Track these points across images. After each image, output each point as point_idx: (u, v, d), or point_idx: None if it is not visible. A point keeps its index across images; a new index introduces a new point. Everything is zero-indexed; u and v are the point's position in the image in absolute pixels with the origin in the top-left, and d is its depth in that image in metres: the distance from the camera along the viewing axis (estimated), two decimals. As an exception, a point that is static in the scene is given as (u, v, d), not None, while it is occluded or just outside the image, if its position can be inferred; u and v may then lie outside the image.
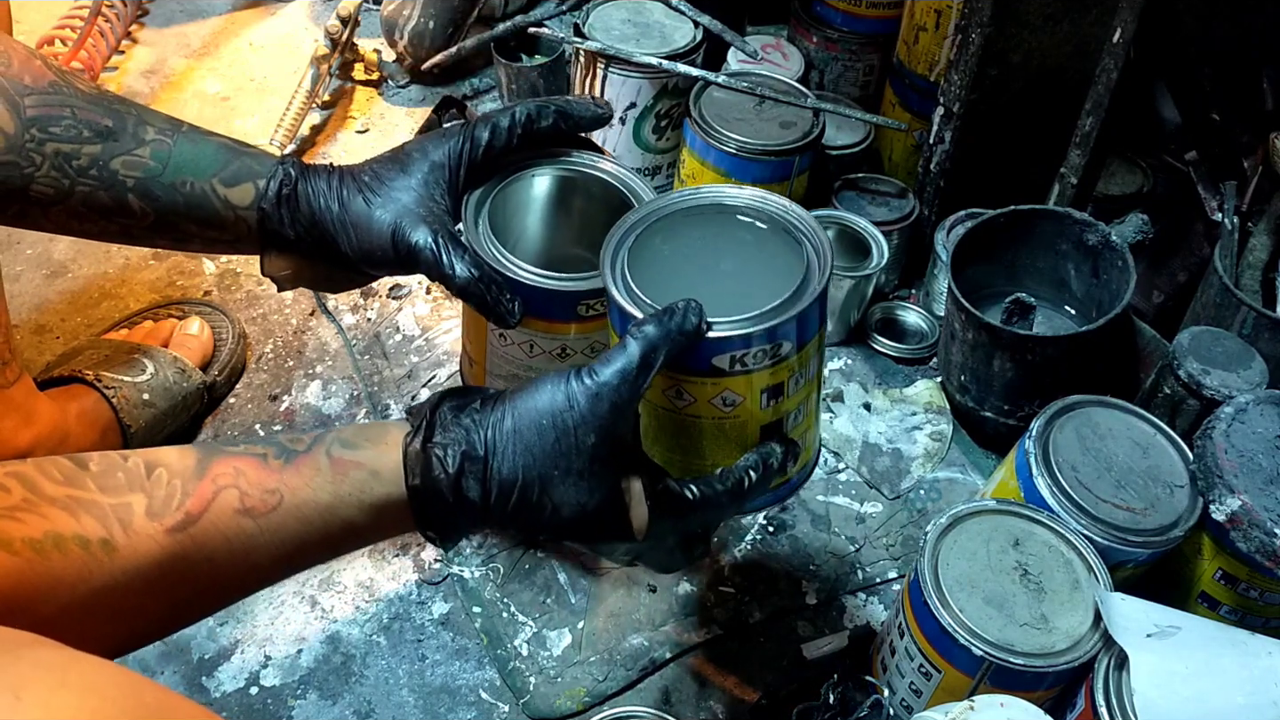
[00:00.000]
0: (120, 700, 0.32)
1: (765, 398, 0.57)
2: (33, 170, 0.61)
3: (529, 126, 0.65)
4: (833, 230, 1.04)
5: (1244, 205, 0.90)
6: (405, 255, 0.63)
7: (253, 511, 0.49)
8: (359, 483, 0.52)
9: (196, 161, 0.65)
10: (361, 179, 0.65)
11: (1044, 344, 0.86)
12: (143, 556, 0.46)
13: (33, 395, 0.79)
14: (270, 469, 0.51)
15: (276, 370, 1.00)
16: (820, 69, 1.23)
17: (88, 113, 0.63)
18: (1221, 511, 0.69)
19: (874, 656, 0.79)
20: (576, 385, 0.52)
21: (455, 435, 0.52)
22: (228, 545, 0.49)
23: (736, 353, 0.54)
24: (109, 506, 0.46)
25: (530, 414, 0.52)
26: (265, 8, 1.48)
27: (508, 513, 0.53)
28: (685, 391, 0.56)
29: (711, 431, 0.58)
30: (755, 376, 0.56)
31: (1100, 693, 0.63)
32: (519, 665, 0.79)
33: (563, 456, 0.52)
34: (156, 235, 0.67)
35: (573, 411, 0.52)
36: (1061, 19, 0.94)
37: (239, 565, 0.50)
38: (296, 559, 0.52)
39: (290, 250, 0.67)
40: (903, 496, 0.93)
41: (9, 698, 0.29)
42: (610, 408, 0.52)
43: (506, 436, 0.52)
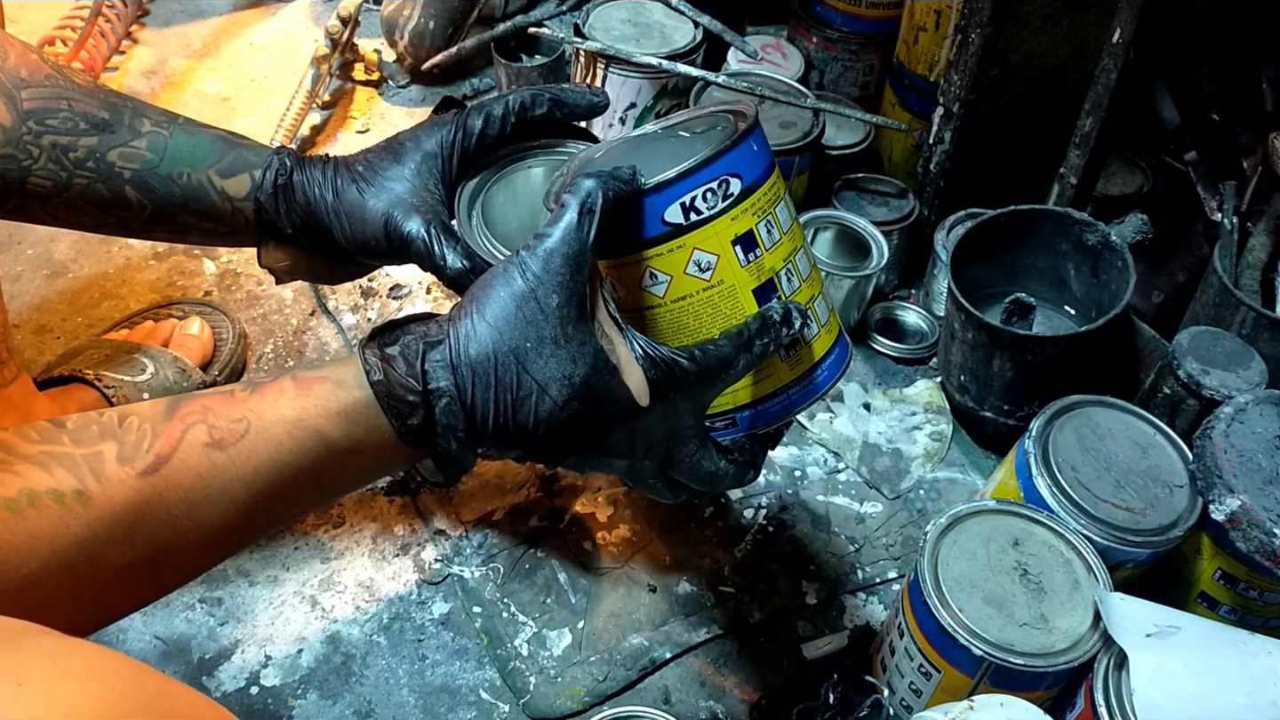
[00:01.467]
0: (121, 687, 0.32)
1: (740, 251, 0.54)
2: (30, 163, 0.61)
3: (523, 115, 0.65)
4: (833, 230, 1.04)
5: (1243, 205, 0.90)
6: (398, 245, 0.62)
7: (221, 443, 0.48)
8: (323, 394, 0.50)
9: (193, 153, 0.65)
10: (355, 169, 0.65)
11: (1044, 344, 0.86)
12: (117, 503, 0.45)
13: (31, 394, 0.79)
14: (236, 400, 0.50)
15: (277, 370, 1.00)
16: (820, 69, 1.23)
17: (84, 105, 0.63)
18: (1221, 511, 0.69)
19: (874, 656, 0.79)
20: (525, 254, 0.50)
21: (415, 330, 0.51)
22: (201, 482, 0.47)
23: (685, 199, 0.52)
24: (81, 457, 0.45)
25: (486, 296, 0.50)
26: (266, 8, 1.48)
27: (492, 406, 0.50)
28: (657, 271, 0.54)
29: (702, 310, 0.55)
30: (717, 224, 0.53)
31: (1100, 693, 0.63)
32: (519, 665, 0.79)
33: (530, 325, 0.49)
34: (154, 227, 0.67)
35: (527, 277, 0.50)
36: (1061, 19, 0.94)
37: (215, 502, 0.48)
38: (276, 490, 0.50)
39: (287, 242, 0.67)
40: (903, 496, 0.93)
41: (10, 686, 0.29)
42: (563, 261, 0.49)
43: (468, 322, 0.50)
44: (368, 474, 0.53)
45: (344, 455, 0.50)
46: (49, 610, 0.36)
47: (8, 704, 0.28)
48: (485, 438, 0.51)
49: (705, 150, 0.52)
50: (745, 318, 0.55)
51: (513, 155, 0.67)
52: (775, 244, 0.56)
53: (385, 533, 0.87)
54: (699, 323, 0.55)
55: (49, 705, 0.29)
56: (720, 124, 0.58)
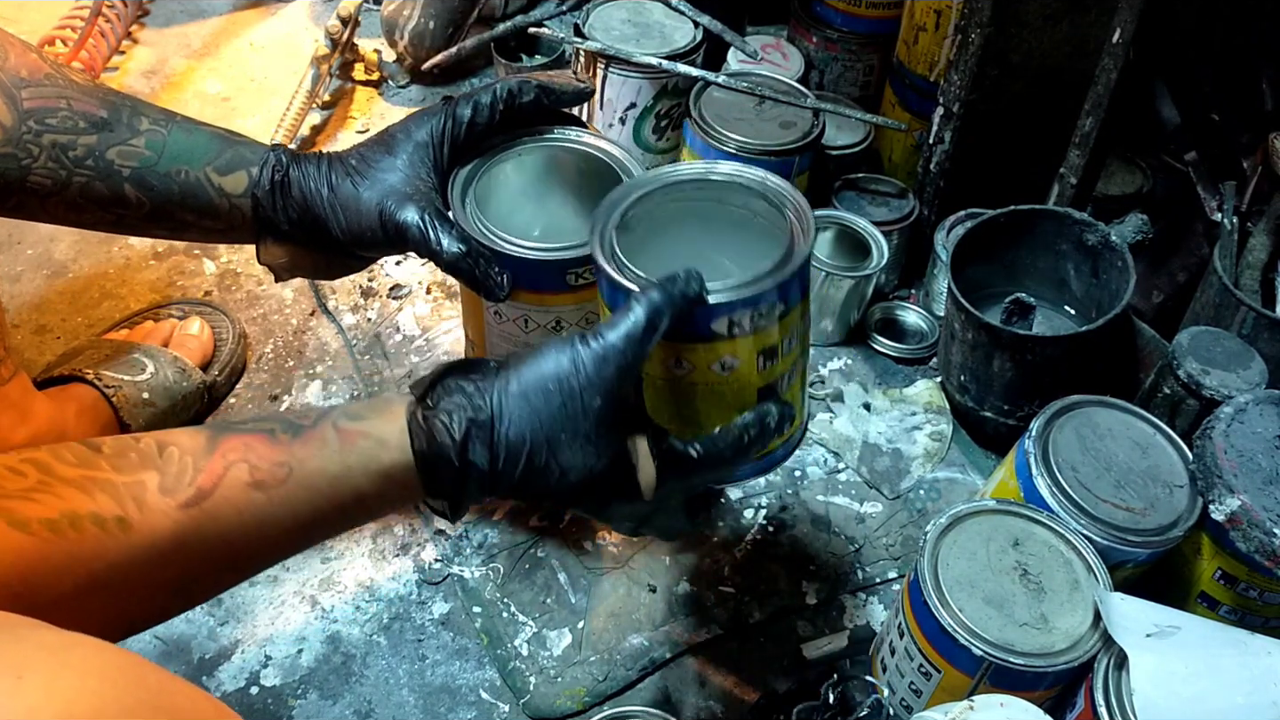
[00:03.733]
0: (121, 682, 0.32)
1: (761, 360, 0.59)
2: (30, 162, 0.62)
3: (510, 103, 0.66)
4: (833, 230, 1.04)
5: (1243, 205, 0.90)
6: (394, 234, 0.64)
7: (263, 484, 0.50)
8: (366, 451, 0.52)
9: (191, 151, 0.66)
10: (349, 162, 0.66)
11: (1044, 344, 0.86)
12: (157, 532, 0.47)
13: (29, 393, 0.79)
14: (279, 443, 0.51)
15: (277, 370, 1.01)
16: (820, 69, 1.23)
17: (83, 104, 0.63)
18: (1221, 511, 0.69)
19: (874, 656, 0.79)
20: (582, 349, 0.53)
21: (459, 401, 0.53)
22: (240, 518, 0.49)
23: (734, 316, 0.55)
24: (123, 485, 0.47)
25: (536, 378, 0.53)
26: (266, 8, 1.48)
27: (516, 477, 0.53)
28: (684, 360, 0.57)
29: (710, 396, 0.59)
30: (752, 339, 0.57)
31: (1100, 692, 0.63)
32: (519, 665, 0.79)
33: (569, 419, 0.52)
34: (153, 224, 0.67)
35: (578, 375, 0.52)
36: (1061, 19, 0.94)
37: (252, 538, 0.50)
38: (309, 531, 0.53)
39: (284, 238, 0.68)
40: (903, 496, 0.93)
41: (10, 679, 0.29)
42: (616, 370, 0.52)
43: (513, 401, 0.52)
44: (386, 514, 0.58)
45: (373, 505, 0.54)
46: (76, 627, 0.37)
47: (7, 697, 0.28)
48: (500, 493, 0.55)
49: (763, 276, 0.55)
50: (745, 409, 0.59)
51: (503, 143, 0.69)
52: (789, 352, 0.60)
53: (385, 533, 0.87)
54: (705, 405, 0.59)
55: (49, 699, 0.29)
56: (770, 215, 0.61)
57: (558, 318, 0.67)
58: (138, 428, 0.86)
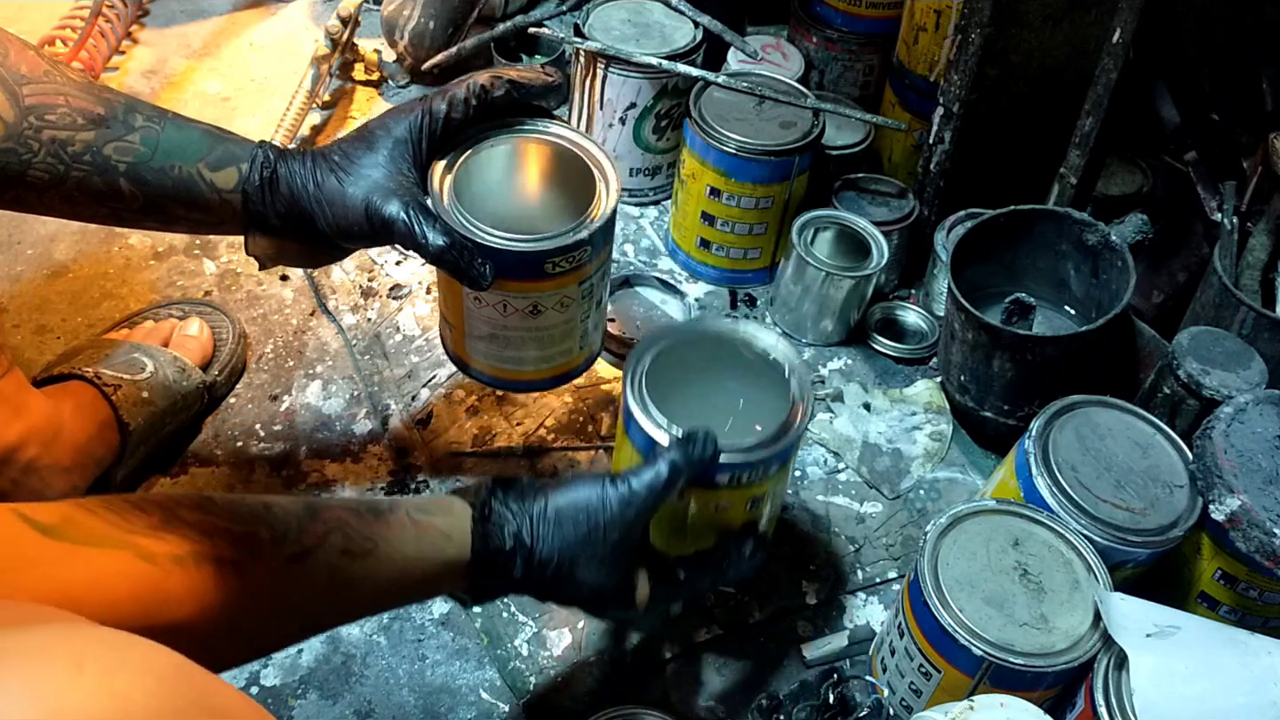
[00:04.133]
0: (175, 682, 0.33)
1: (750, 504, 0.71)
2: (30, 157, 0.63)
3: (484, 97, 0.69)
4: (833, 230, 1.04)
5: (1243, 205, 0.90)
6: (380, 228, 0.66)
7: (353, 554, 0.58)
8: (434, 542, 0.62)
9: (184, 147, 0.67)
10: (332, 159, 0.68)
11: (1044, 344, 0.86)
12: (265, 581, 0.54)
13: (23, 389, 0.79)
14: (365, 520, 0.60)
15: (277, 370, 1.01)
16: (820, 69, 1.23)
17: (81, 101, 0.65)
18: (1221, 511, 0.69)
19: (874, 656, 0.79)
20: (610, 489, 0.64)
21: (507, 518, 0.64)
22: (330, 581, 0.57)
23: (736, 473, 0.67)
24: (239, 534, 0.54)
25: (569, 506, 0.64)
26: (266, 8, 1.48)
27: (540, 585, 0.65)
28: (686, 496, 0.69)
29: (702, 524, 0.71)
30: (746, 489, 0.70)
31: (1100, 692, 0.63)
32: (519, 665, 0.79)
33: (591, 546, 0.63)
34: (145, 217, 0.69)
35: (605, 512, 0.63)
36: (1061, 19, 0.94)
37: (334, 600, 0.59)
38: (377, 600, 0.63)
39: (272, 231, 0.70)
40: (903, 496, 0.93)
41: (71, 670, 0.30)
42: (636, 514, 0.64)
43: (549, 526, 0.64)
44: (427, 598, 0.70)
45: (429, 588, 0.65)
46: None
47: (68, 689, 0.29)
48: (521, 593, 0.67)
49: (766, 443, 0.67)
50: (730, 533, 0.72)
51: (477, 135, 0.71)
52: (773, 496, 0.73)
53: (385, 533, 0.87)
54: (696, 530, 0.72)
55: (107, 693, 0.30)
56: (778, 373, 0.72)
57: (535, 302, 0.70)
58: (136, 426, 0.86)
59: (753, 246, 1.08)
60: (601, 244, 0.70)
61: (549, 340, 0.74)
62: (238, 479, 0.91)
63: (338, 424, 0.96)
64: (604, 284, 0.75)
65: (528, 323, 0.71)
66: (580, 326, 0.75)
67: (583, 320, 0.74)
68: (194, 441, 0.94)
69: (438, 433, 0.95)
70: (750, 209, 1.04)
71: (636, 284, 1.08)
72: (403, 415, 0.97)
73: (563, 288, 0.70)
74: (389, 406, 0.97)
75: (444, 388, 0.98)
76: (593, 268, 0.71)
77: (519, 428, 0.95)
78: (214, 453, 0.93)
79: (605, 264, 0.73)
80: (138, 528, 0.51)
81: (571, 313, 0.72)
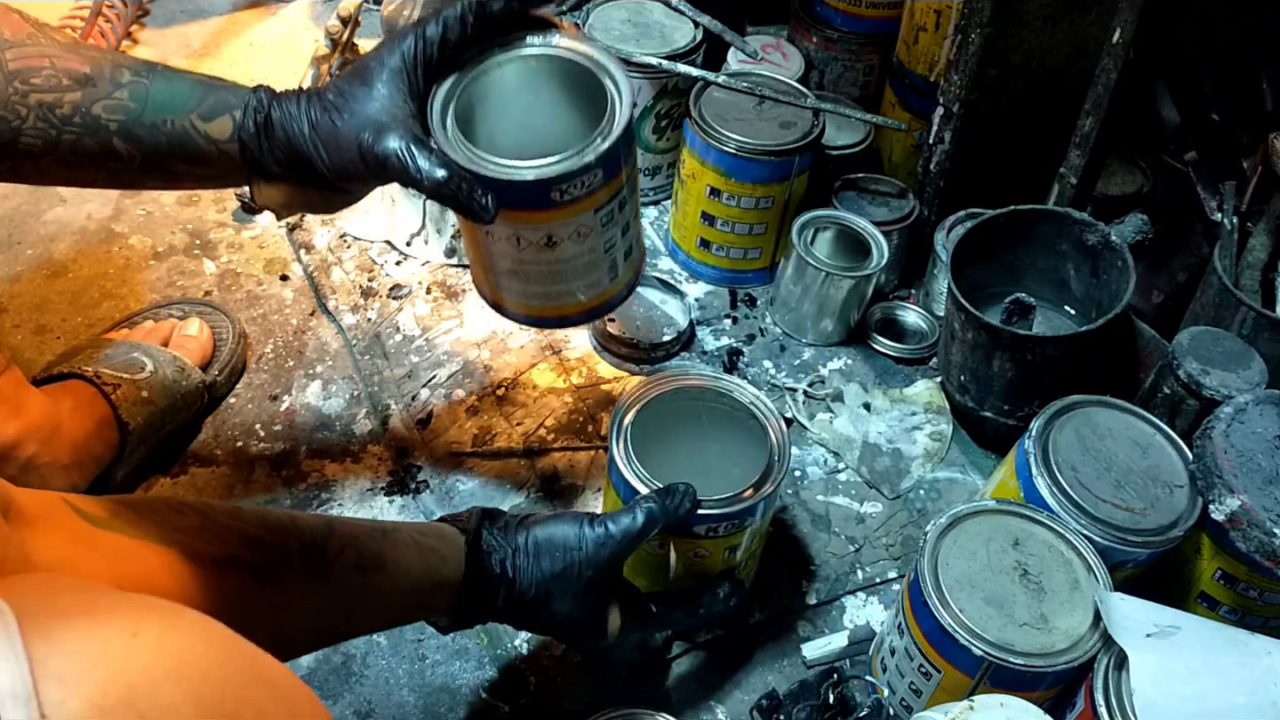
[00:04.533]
0: (225, 648, 0.34)
1: (728, 553, 0.74)
2: (19, 123, 0.62)
3: (480, 12, 0.64)
4: (832, 230, 1.04)
5: (1243, 205, 0.90)
6: (375, 166, 0.62)
7: (365, 569, 0.61)
8: (435, 563, 0.65)
9: (173, 99, 0.65)
10: (326, 98, 0.65)
11: (1044, 344, 0.86)
12: (293, 590, 0.57)
13: (21, 387, 0.79)
14: (375, 537, 0.63)
15: (277, 370, 1.00)
16: (820, 69, 1.23)
17: (65, 61, 0.63)
18: (1221, 511, 0.69)
19: (874, 656, 0.79)
20: (588, 531, 0.67)
21: (495, 546, 0.67)
22: (348, 592, 0.61)
23: (714, 525, 0.71)
24: (272, 544, 0.57)
25: (547, 543, 0.67)
26: (266, 8, 1.48)
27: (515, 612, 0.69)
28: (673, 549, 0.73)
29: (679, 569, 0.74)
30: (724, 540, 0.72)
31: (1100, 692, 0.63)
32: (519, 665, 0.79)
33: (566, 581, 0.67)
34: (147, 176, 0.67)
35: (580, 551, 0.67)
36: (1061, 19, 0.94)
37: (349, 613, 0.62)
38: (384, 616, 0.66)
39: (276, 179, 0.67)
40: (903, 496, 0.93)
41: (127, 635, 0.31)
42: (609, 556, 0.67)
43: (528, 559, 0.67)
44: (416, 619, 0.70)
45: (423, 608, 0.67)
46: None
47: (124, 652, 0.31)
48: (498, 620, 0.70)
49: (742, 495, 0.71)
50: (707, 577, 0.75)
51: (477, 56, 0.66)
52: (750, 546, 0.76)
53: (385, 533, 0.87)
54: (670, 571, 0.75)
55: (161, 656, 0.31)
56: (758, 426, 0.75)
57: (548, 234, 0.65)
58: (136, 426, 0.86)
59: (753, 246, 1.08)
60: (616, 166, 0.64)
61: (572, 273, 0.68)
62: (238, 479, 0.91)
63: (338, 424, 0.96)
64: (630, 210, 0.69)
65: (545, 256, 0.67)
66: (607, 257, 0.69)
67: (608, 250, 0.69)
68: (194, 441, 0.94)
69: (438, 433, 0.95)
70: (750, 209, 1.04)
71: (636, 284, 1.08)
72: (403, 415, 0.97)
73: (577, 216, 0.65)
74: (389, 406, 0.97)
75: (444, 388, 0.98)
76: (608, 193, 0.65)
77: (519, 428, 0.95)
78: (214, 452, 0.93)
79: (626, 188, 0.67)
80: (181, 526, 0.53)
81: (593, 242, 0.67)
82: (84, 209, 1.15)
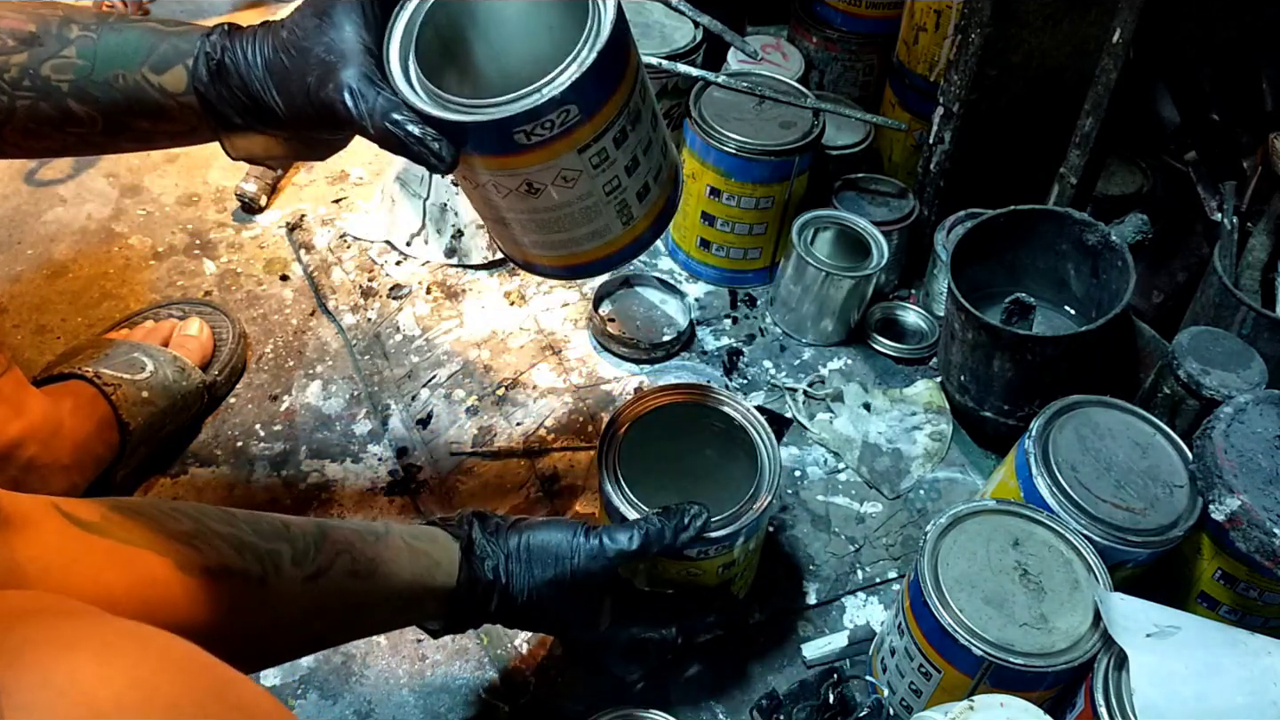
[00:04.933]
0: (196, 673, 0.34)
1: (723, 568, 0.75)
2: None
3: None
4: (832, 230, 1.04)
5: (1243, 205, 0.90)
6: (323, 111, 0.56)
7: (358, 575, 0.60)
8: (427, 568, 0.64)
9: (122, 51, 0.59)
10: (280, 34, 0.58)
11: (1044, 344, 0.86)
12: (285, 597, 0.56)
13: (22, 387, 0.79)
14: (369, 543, 0.62)
15: (277, 370, 1.00)
16: (820, 69, 1.23)
17: (11, 21, 0.58)
18: (1221, 511, 0.69)
19: (874, 656, 0.79)
20: (583, 541, 0.67)
21: (489, 552, 0.67)
22: (339, 599, 0.60)
23: (705, 548, 0.71)
24: (264, 551, 0.56)
25: (540, 550, 0.67)
26: (266, 7, 1.48)
27: (507, 616, 0.69)
28: (660, 564, 0.73)
29: (676, 585, 0.75)
30: (718, 559, 0.73)
31: (1100, 692, 0.63)
32: (519, 665, 0.79)
33: (557, 586, 0.67)
34: (115, 139, 0.62)
35: (574, 559, 0.67)
36: (1061, 19, 0.94)
37: (342, 619, 0.62)
38: (376, 620, 0.66)
39: (243, 129, 0.61)
40: (903, 496, 0.93)
41: (96, 665, 0.31)
42: (601, 568, 0.67)
43: (520, 565, 0.67)
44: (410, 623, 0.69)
45: (416, 612, 0.67)
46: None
47: (93, 683, 0.30)
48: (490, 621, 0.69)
49: (732, 518, 0.71)
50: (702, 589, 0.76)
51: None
52: (745, 559, 0.77)
53: (385, 533, 0.87)
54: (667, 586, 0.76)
55: (131, 686, 0.31)
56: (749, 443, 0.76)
57: (526, 180, 0.57)
58: (136, 426, 0.86)
59: (753, 246, 1.08)
60: (599, 97, 0.55)
61: (570, 221, 0.60)
62: (238, 479, 0.91)
63: (338, 424, 0.96)
64: (636, 142, 0.59)
65: (530, 203, 0.59)
66: (611, 200, 0.60)
67: (612, 192, 0.60)
68: (194, 441, 0.94)
69: (438, 433, 0.95)
70: (750, 209, 1.04)
71: (637, 284, 1.08)
72: (403, 415, 0.97)
73: (556, 159, 0.56)
74: (389, 406, 0.97)
75: (444, 388, 0.98)
76: (592, 130, 0.56)
77: (519, 428, 0.95)
78: (214, 453, 0.93)
79: (623, 119, 0.57)
80: (174, 533, 0.52)
81: (585, 187, 0.58)
82: (84, 209, 1.15)
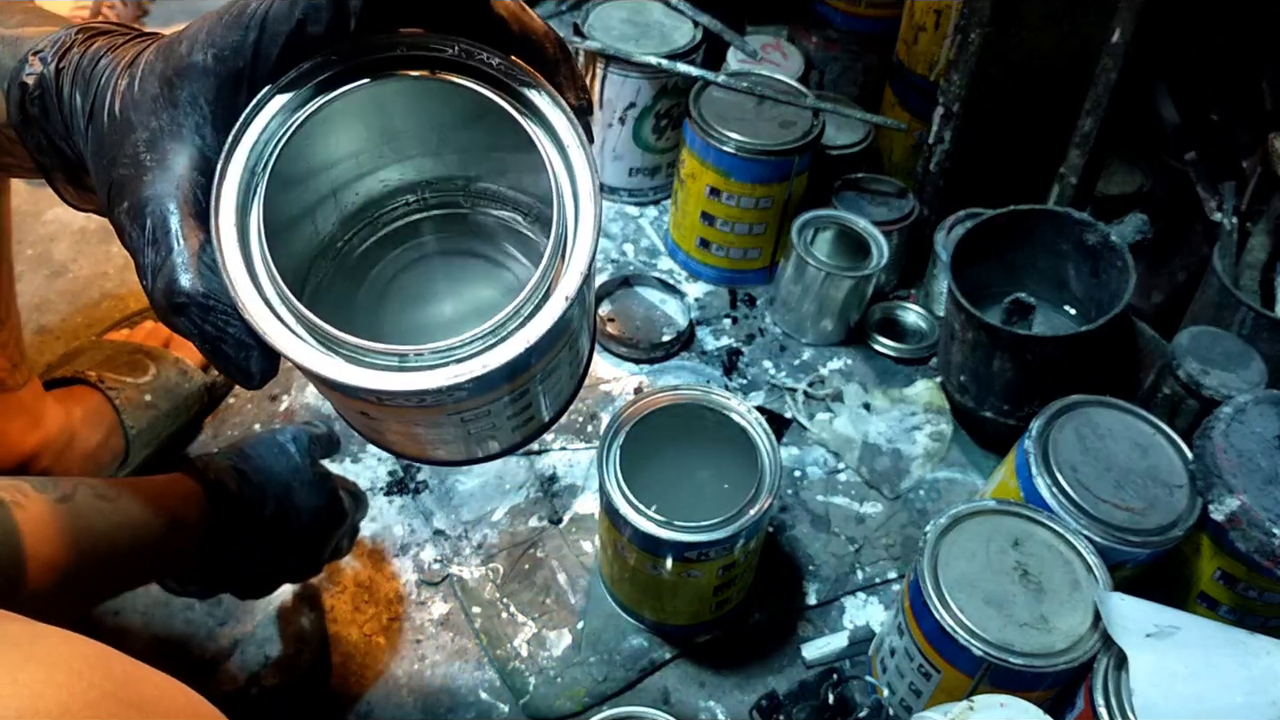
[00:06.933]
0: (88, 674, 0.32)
1: (722, 570, 0.75)
2: None
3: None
4: (832, 230, 1.04)
5: (1243, 205, 0.90)
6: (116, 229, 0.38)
7: (105, 498, 0.61)
8: (166, 485, 0.65)
9: None
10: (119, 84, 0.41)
11: (1044, 344, 0.86)
12: (37, 515, 0.56)
13: (41, 398, 0.79)
14: (107, 483, 0.63)
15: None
16: (820, 69, 1.23)
17: None
18: (1220, 511, 0.69)
19: (874, 656, 0.79)
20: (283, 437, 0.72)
21: (222, 470, 0.68)
22: (100, 519, 0.60)
23: (704, 550, 0.71)
24: (6, 483, 0.57)
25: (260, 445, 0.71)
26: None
27: (269, 531, 0.68)
28: (660, 566, 0.74)
29: (678, 587, 0.76)
30: (716, 562, 0.73)
31: (1100, 693, 0.63)
32: (519, 665, 0.79)
33: (294, 474, 0.70)
34: None
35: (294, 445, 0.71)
36: (1061, 19, 0.94)
37: (110, 541, 0.61)
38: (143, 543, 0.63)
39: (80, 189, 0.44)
40: (903, 496, 0.93)
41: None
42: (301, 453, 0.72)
43: (250, 462, 0.69)
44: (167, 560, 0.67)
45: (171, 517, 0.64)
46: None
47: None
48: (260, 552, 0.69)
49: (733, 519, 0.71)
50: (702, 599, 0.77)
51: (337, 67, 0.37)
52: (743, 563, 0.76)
53: (385, 533, 0.87)
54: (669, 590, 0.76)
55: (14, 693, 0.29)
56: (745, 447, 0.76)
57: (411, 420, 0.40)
58: (139, 430, 0.86)
59: (752, 246, 1.08)
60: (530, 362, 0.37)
61: (411, 441, 0.44)
62: (238, 479, 0.91)
63: (337, 424, 0.96)
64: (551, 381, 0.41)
65: (370, 423, 0.42)
66: (470, 439, 0.43)
67: (471, 436, 0.42)
68: (194, 441, 0.94)
69: (438, 433, 0.95)
70: (750, 209, 1.04)
71: (636, 284, 1.08)
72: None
73: (426, 415, 0.39)
74: (389, 406, 0.97)
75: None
76: (476, 405, 0.38)
77: (519, 428, 0.95)
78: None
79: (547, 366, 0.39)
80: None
81: (444, 434, 0.42)
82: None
